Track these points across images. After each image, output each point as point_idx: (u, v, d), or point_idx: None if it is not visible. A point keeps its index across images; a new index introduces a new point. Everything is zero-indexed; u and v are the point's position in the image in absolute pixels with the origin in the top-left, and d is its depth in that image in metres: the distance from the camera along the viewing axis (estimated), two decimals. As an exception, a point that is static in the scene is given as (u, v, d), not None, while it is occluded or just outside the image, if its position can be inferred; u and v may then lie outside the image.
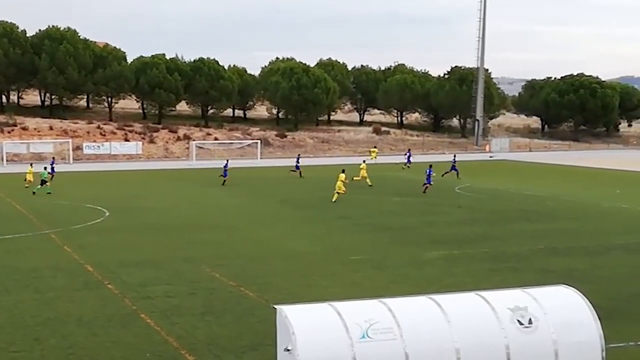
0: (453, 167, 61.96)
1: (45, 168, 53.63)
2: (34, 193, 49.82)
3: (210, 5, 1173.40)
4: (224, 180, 56.77)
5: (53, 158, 69.83)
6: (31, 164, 60.21)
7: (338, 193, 46.94)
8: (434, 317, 14.34)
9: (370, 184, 54.52)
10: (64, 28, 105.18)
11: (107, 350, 18.37)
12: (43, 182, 50.59)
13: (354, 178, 53.10)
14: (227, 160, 62.72)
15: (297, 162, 66.39)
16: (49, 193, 49.20)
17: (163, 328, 19.95)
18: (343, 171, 48.88)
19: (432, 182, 51.63)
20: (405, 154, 76.68)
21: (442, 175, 59.17)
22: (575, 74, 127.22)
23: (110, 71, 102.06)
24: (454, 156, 68.41)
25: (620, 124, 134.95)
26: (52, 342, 18.94)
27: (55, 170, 58.97)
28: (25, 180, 54.43)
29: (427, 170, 51.86)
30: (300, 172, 64.09)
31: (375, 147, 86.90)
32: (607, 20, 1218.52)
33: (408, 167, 71.88)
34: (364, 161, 60.30)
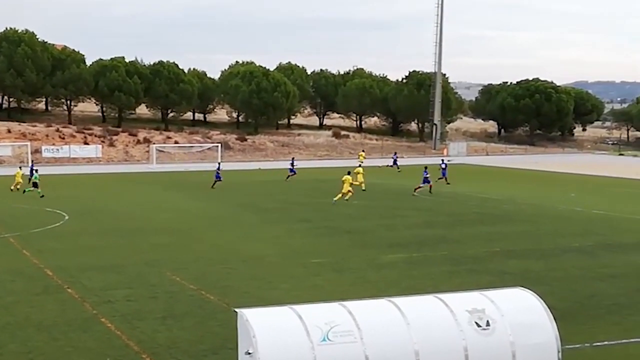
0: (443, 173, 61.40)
1: (36, 170, 53.33)
2: (24, 192, 50.75)
3: (168, 9, 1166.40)
4: (215, 182, 57.06)
5: (32, 161, 69.97)
6: (20, 167, 59.68)
7: (343, 193, 47.54)
8: (394, 320, 14.56)
9: (364, 188, 54.18)
10: (22, 30, 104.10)
11: (67, 355, 18.32)
12: (35, 185, 50.59)
13: (353, 183, 52.33)
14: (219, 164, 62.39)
15: (292, 165, 65.38)
16: (42, 197, 48.94)
17: (124, 332, 19.94)
18: (348, 173, 49.50)
19: (431, 182, 53.64)
20: (393, 157, 78.79)
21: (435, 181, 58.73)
22: (530, 78, 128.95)
23: (69, 74, 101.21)
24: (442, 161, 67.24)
25: (575, 128, 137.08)
26: (11, 347, 18.83)
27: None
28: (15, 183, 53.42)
29: (424, 172, 53.45)
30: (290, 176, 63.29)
31: (363, 151, 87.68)
32: (559, 26, 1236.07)
33: (397, 169, 74.44)
34: (359, 165, 60.24)
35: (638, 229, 38.08)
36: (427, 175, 53.17)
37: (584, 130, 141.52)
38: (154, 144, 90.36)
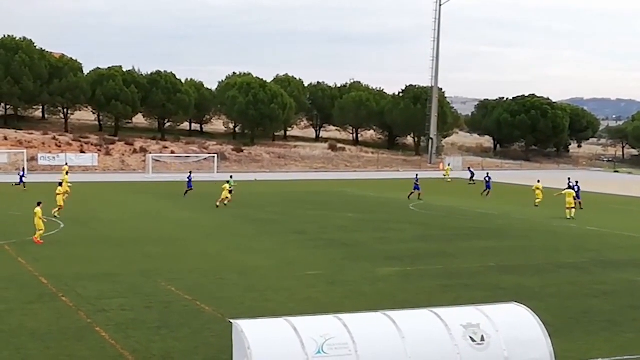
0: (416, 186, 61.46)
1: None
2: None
3: (166, 19, 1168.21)
4: (187, 191, 57.33)
5: (23, 169, 69.98)
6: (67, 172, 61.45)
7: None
8: (389, 333, 14.63)
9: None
10: (20, 38, 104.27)
11: (61, 363, 18.34)
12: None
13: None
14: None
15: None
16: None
17: (118, 342, 19.93)
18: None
19: (420, 190, 58.53)
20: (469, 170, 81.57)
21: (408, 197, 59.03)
22: (526, 95, 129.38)
23: (66, 82, 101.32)
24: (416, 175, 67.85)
25: (570, 144, 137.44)
26: (4, 355, 18.80)
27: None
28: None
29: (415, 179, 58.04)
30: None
31: (449, 164, 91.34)
32: (555, 44, 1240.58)
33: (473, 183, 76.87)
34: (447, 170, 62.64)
35: (631, 246, 38.21)
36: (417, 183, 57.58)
37: (579, 146, 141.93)
38: (150, 153, 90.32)
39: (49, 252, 33.09)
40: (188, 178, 59.16)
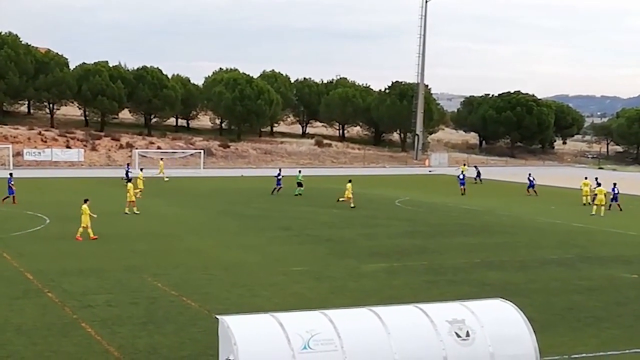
0: None
1: None
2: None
3: (153, 15, 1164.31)
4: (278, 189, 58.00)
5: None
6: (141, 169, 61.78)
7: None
8: (374, 329, 14.66)
9: (352, 205, 50.45)
10: (5, 33, 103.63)
11: (47, 359, 18.27)
12: None
13: (340, 199, 51.48)
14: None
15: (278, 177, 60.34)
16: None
17: (104, 337, 19.91)
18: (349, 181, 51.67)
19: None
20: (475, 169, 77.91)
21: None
22: (512, 91, 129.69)
23: (52, 77, 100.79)
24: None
25: (555, 141, 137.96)
26: (-10, 351, 18.78)
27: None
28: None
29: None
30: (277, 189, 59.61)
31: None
32: (540, 41, 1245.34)
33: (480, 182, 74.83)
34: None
35: (616, 242, 38.44)
36: None
37: (564, 143, 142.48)
38: (136, 149, 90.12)
39: (34, 247, 32.98)
40: (126, 171, 58.00)
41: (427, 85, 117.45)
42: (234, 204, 51.78)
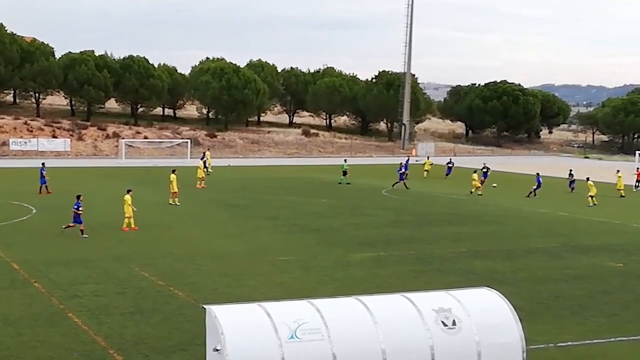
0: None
1: None
2: None
3: (139, 4, 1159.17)
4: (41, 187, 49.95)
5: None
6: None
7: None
8: (361, 318, 14.72)
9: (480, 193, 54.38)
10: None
11: (33, 349, 18.25)
12: None
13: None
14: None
15: None
16: None
17: (91, 327, 19.91)
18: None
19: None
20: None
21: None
22: (498, 81, 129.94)
23: (38, 66, 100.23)
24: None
25: (541, 130, 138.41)
26: (-23, 341, 18.74)
27: None
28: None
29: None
30: None
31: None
32: (526, 30, 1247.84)
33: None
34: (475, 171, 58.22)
35: (601, 231, 38.67)
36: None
37: (550, 132, 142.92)
38: (123, 138, 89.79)
39: (20, 237, 32.90)
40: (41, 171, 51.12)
41: (413, 75, 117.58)
42: (222, 193, 51.73)
